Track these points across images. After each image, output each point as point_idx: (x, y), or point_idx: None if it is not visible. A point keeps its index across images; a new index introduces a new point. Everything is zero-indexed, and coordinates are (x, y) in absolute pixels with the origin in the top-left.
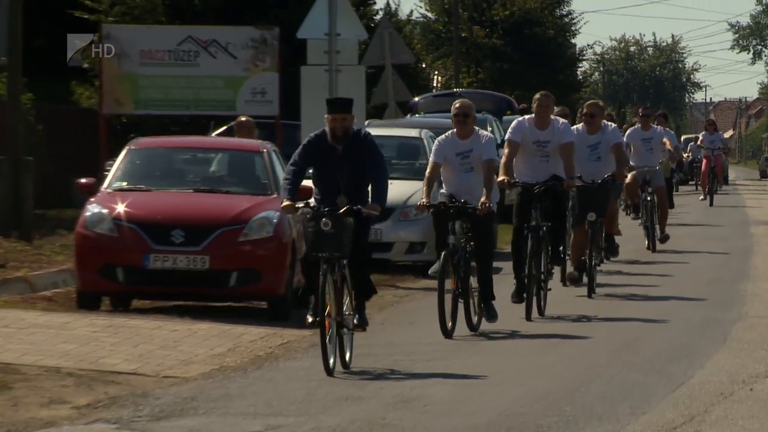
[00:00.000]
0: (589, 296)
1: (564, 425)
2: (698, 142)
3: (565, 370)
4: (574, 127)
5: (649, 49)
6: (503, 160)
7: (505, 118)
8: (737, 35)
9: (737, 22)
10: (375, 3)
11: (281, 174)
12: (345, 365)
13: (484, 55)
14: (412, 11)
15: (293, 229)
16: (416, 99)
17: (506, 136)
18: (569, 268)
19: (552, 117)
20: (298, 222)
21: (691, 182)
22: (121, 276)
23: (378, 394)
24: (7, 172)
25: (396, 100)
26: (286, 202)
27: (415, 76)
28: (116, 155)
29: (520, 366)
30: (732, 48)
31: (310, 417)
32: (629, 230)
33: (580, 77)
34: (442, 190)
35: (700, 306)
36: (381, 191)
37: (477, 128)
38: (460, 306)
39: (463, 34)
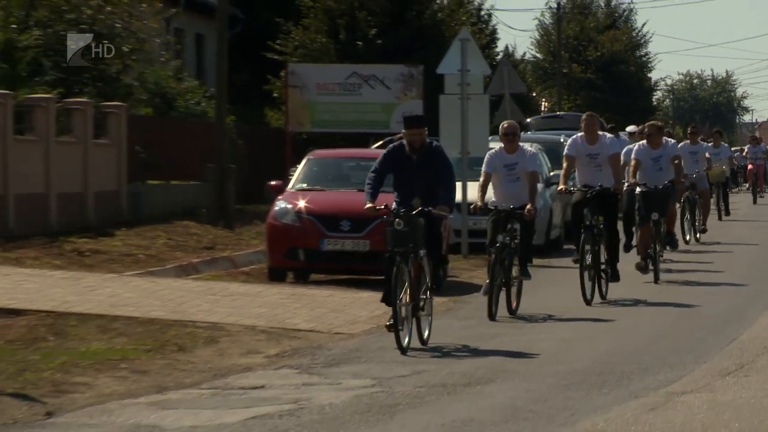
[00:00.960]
0: (656, 282)
1: (643, 371)
2: (744, 153)
3: (642, 331)
4: (641, 142)
5: (708, 81)
6: (562, 171)
7: None
8: None
9: None
10: (496, 46)
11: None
12: (423, 342)
13: (581, 86)
14: (525, 53)
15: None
16: (529, 120)
17: (564, 152)
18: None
19: (600, 133)
20: None
21: (735, 188)
22: (302, 256)
23: (498, 348)
24: (214, 177)
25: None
26: (368, 204)
27: (527, 102)
28: (298, 163)
29: (605, 329)
30: None
31: (445, 364)
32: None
33: (655, 103)
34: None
35: (746, 282)
36: (449, 194)
37: (521, 144)
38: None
39: (565, 70)
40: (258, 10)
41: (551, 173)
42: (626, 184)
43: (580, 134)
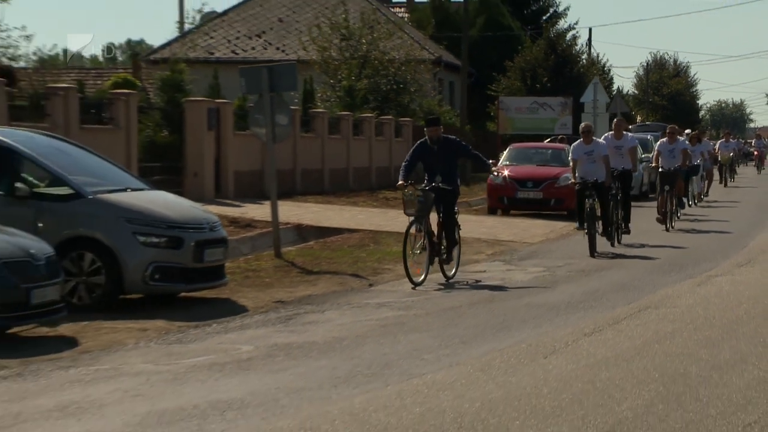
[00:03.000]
0: (667, 230)
1: (693, 263)
2: (751, 145)
3: (689, 245)
4: (662, 139)
5: (730, 105)
6: None
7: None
8: None
9: None
10: (612, 86)
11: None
12: (447, 279)
13: (659, 109)
14: (628, 90)
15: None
16: (630, 127)
17: None
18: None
19: (623, 132)
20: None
21: (743, 164)
22: (505, 201)
23: (611, 252)
24: None
25: None
26: (400, 182)
27: (630, 117)
28: (503, 151)
29: (664, 246)
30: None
31: (576, 262)
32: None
33: (700, 118)
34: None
35: (752, 217)
36: (482, 161)
37: (595, 138)
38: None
39: (650, 100)
40: (483, 69)
41: (642, 155)
42: (650, 166)
43: (610, 132)
